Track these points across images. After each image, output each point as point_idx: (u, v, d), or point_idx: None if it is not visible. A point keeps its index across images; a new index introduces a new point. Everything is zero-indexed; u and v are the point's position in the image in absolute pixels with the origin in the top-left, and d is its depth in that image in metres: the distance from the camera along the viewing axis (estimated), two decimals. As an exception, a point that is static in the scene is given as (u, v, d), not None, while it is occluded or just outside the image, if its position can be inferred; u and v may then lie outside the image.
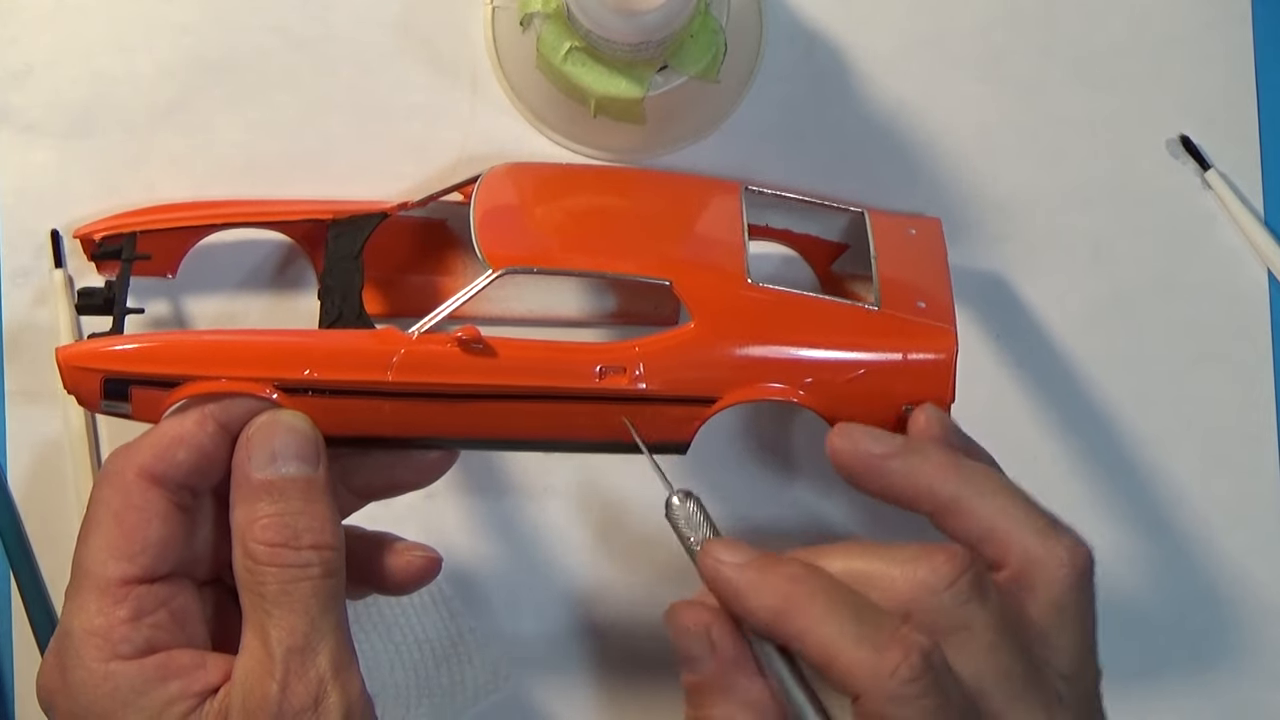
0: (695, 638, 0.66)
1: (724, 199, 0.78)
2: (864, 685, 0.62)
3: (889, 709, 0.62)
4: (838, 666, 0.62)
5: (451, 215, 0.82)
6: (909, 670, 0.62)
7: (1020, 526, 0.68)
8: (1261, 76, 0.85)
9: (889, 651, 0.62)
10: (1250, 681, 0.85)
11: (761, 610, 0.64)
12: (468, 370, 0.71)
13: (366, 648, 0.81)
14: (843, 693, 0.63)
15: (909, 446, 0.70)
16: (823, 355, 0.73)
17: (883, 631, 0.63)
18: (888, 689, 0.62)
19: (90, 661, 0.67)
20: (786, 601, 0.64)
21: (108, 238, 0.79)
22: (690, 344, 0.72)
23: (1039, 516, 0.68)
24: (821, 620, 0.63)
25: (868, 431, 0.70)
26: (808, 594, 0.64)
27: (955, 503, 0.68)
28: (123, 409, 0.72)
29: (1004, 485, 0.69)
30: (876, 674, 0.62)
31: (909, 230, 0.80)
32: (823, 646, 0.63)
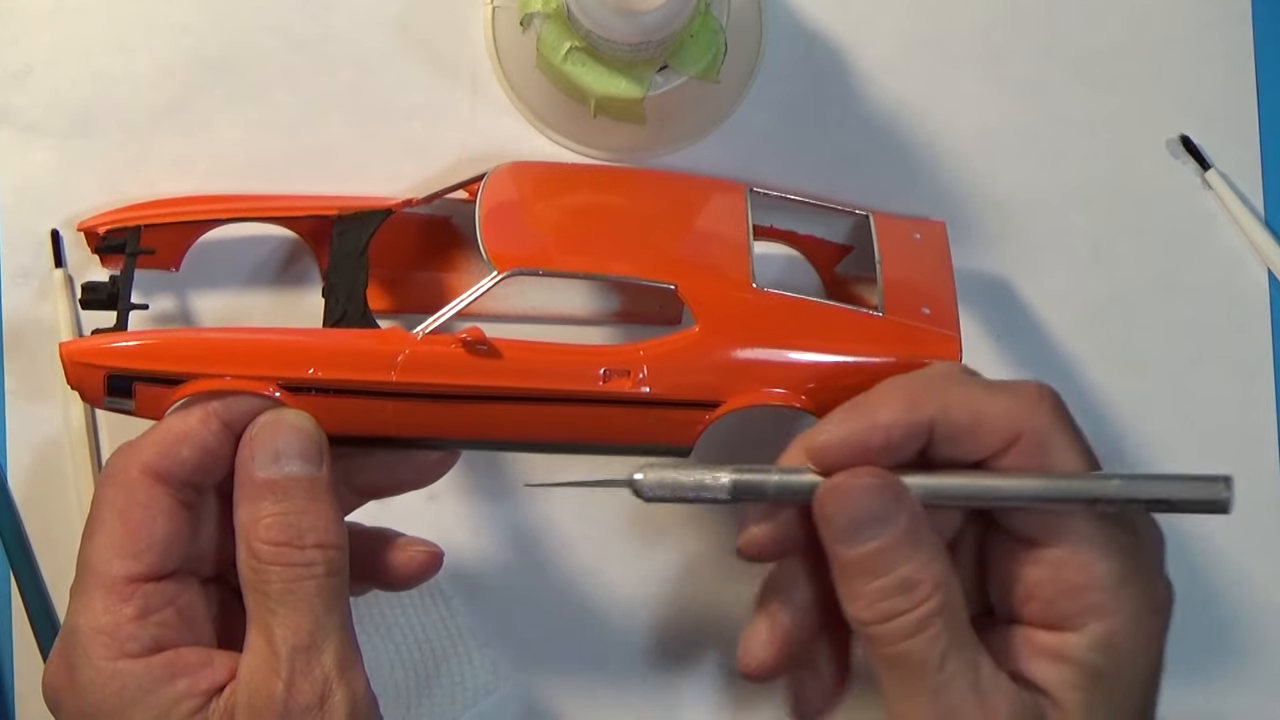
0: (884, 493, 0.66)
1: (729, 201, 0.78)
2: (1020, 421, 0.66)
3: (1049, 433, 0.66)
4: (989, 418, 0.66)
5: (456, 213, 0.82)
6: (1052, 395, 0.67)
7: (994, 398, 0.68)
8: (1261, 76, 0.85)
9: (1024, 389, 0.66)
10: (1250, 681, 0.85)
11: (897, 416, 0.66)
12: (472, 371, 0.71)
13: (368, 648, 0.80)
14: (999, 444, 0.66)
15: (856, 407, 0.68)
16: (827, 360, 0.73)
17: (1008, 385, 0.67)
18: (1041, 413, 0.66)
19: (97, 660, 0.67)
20: (913, 397, 0.66)
21: (112, 231, 0.79)
22: (694, 348, 0.72)
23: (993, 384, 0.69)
24: (953, 391, 0.66)
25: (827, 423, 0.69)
26: (928, 382, 0.67)
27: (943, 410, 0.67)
28: (126, 405, 0.72)
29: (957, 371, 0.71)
30: (1028, 407, 0.66)
31: (913, 234, 0.80)
32: (968, 407, 0.66)
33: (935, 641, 0.65)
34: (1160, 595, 0.67)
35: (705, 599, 0.84)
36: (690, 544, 0.84)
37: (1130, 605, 0.65)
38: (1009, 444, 0.66)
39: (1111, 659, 0.65)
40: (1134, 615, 0.65)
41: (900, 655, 0.66)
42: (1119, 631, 0.65)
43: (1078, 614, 0.65)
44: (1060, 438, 0.66)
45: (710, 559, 0.84)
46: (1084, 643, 0.65)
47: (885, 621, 0.66)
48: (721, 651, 0.84)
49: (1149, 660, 0.67)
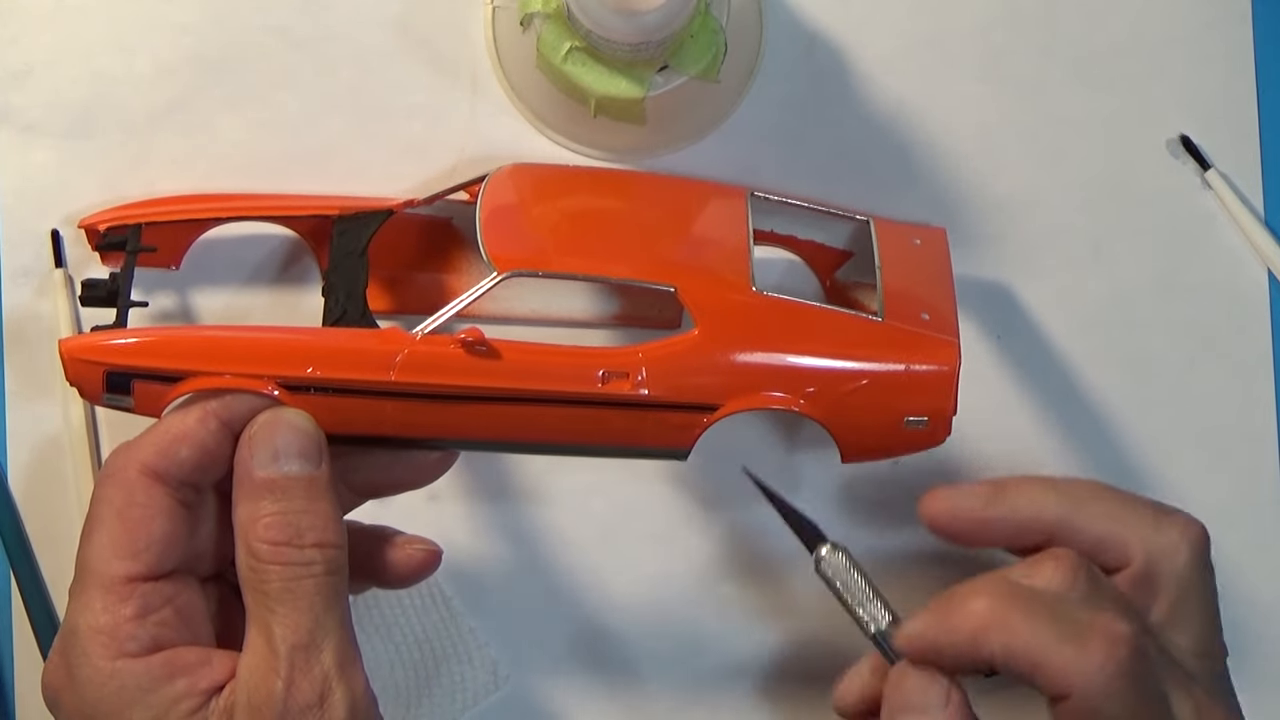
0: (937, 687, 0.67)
1: (729, 204, 0.78)
2: (1073, 684, 0.64)
3: (1099, 703, 0.64)
4: (1045, 669, 0.65)
5: (457, 214, 0.82)
6: (1116, 664, 0.64)
7: (1130, 525, 0.70)
8: (1261, 76, 0.85)
9: (1093, 645, 0.64)
10: (1249, 681, 0.85)
11: (961, 641, 0.66)
12: (471, 372, 0.71)
13: (367, 648, 0.81)
14: (1053, 694, 0.65)
15: (1001, 489, 0.72)
16: (825, 365, 0.73)
17: (1083, 625, 0.65)
18: (1098, 684, 0.64)
19: (96, 659, 0.67)
20: (984, 620, 0.66)
21: (113, 228, 0.79)
22: (693, 351, 0.72)
23: (1145, 508, 0.71)
24: (1021, 626, 0.65)
25: (957, 491, 0.72)
26: (1003, 606, 0.66)
27: (1063, 524, 0.71)
28: (125, 403, 0.72)
29: (1103, 490, 0.72)
30: (1085, 671, 0.64)
31: (914, 240, 0.80)
32: (1026, 652, 0.65)
33: None
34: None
35: (705, 600, 0.84)
36: (690, 544, 0.84)
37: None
38: (1060, 697, 0.65)
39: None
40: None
41: None
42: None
43: None
44: (1112, 709, 0.64)
45: (710, 559, 0.84)
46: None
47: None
48: (721, 651, 0.84)
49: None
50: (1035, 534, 0.71)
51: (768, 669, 0.84)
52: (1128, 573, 0.70)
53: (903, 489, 0.75)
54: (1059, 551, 0.69)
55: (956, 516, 0.72)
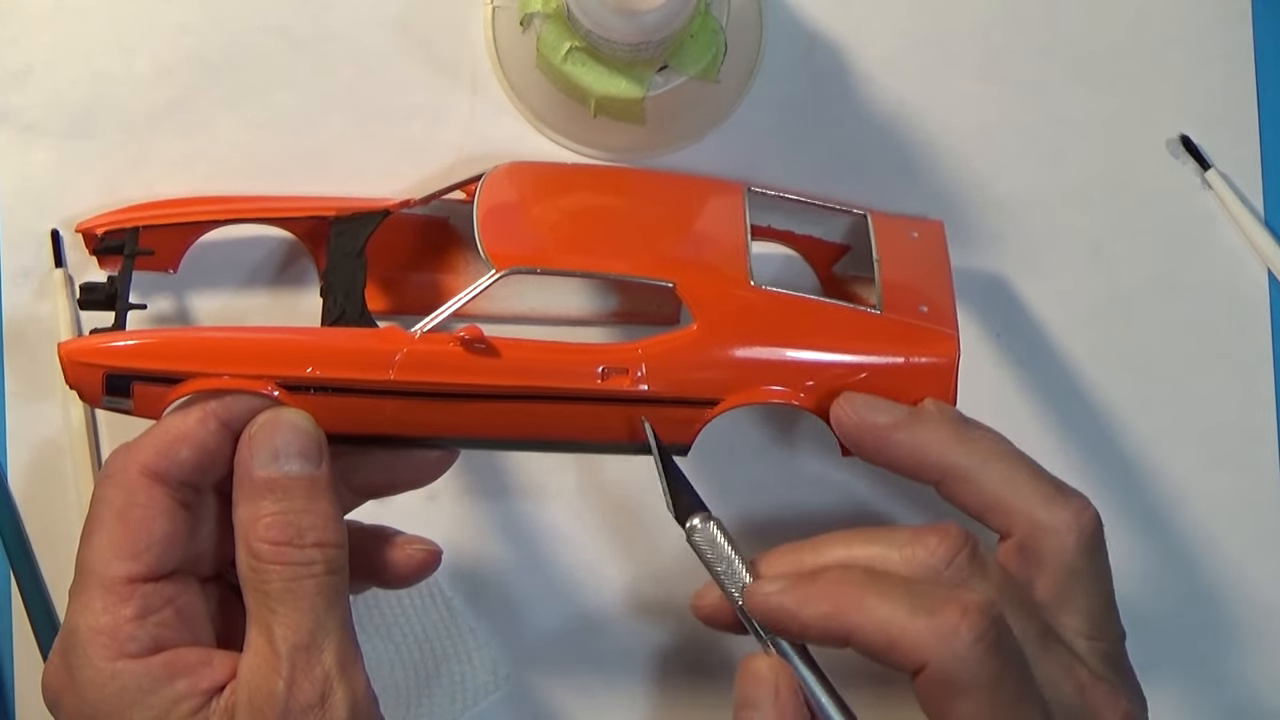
0: (765, 686, 0.67)
1: (727, 200, 0.78)
2: (928, 652, 0.63)
3: (955, 670, 0.63)
4: (900, 644, 0.64)
5: (454, 213, 0.82)
6: (970, 628, 0.63)
7: (1024, 495, 0.69)
8: (1261, 76, 0.85)
9: (946, 614, 0.64)
10: (1250, 681, 0.85)
11: (817, 618, 0.66)
12: (470, 370, 0.71)
13: (368, 648, 0.80)
14: (909, 667, 0.64)
15: (914, 417, 0.71)
16: (825, 358, 0.73)
17: (936, 599, 0.64)
18: (952, 649, 0.63)
19: (97, 660, 0.67)
20: (838, 601, 0.65)
21: (110, 232, 0.79)
22: (692, 346, 0.72)
23: (1044, 483, 0.70)
24: (875, 606, 0.65)
25: (872, 401, 0.71)
26: (856, 588, 0.66)
27: (959, 472, 0.70)
28: (124, 405, 0.72)
29: (1009, 453, 0.71)
30: (939, 637, 0.63)
31: (911, 233, 0.80)
32: (881, 630, 0.64)
33: None
34: None
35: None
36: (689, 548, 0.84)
37: None
38: (917, 670, 0.64)
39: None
40: None
41: None
42: None
43: None
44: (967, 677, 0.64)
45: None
46: None
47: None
48: (721, 651, 0.84)
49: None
50: (932, 473, 0.70)
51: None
52: (1010, 543, 0.69)
53: (902, 484, 0.74)
54: (946, 527, 0.68)
55: (863, 427, 0.71)
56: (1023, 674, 0.65)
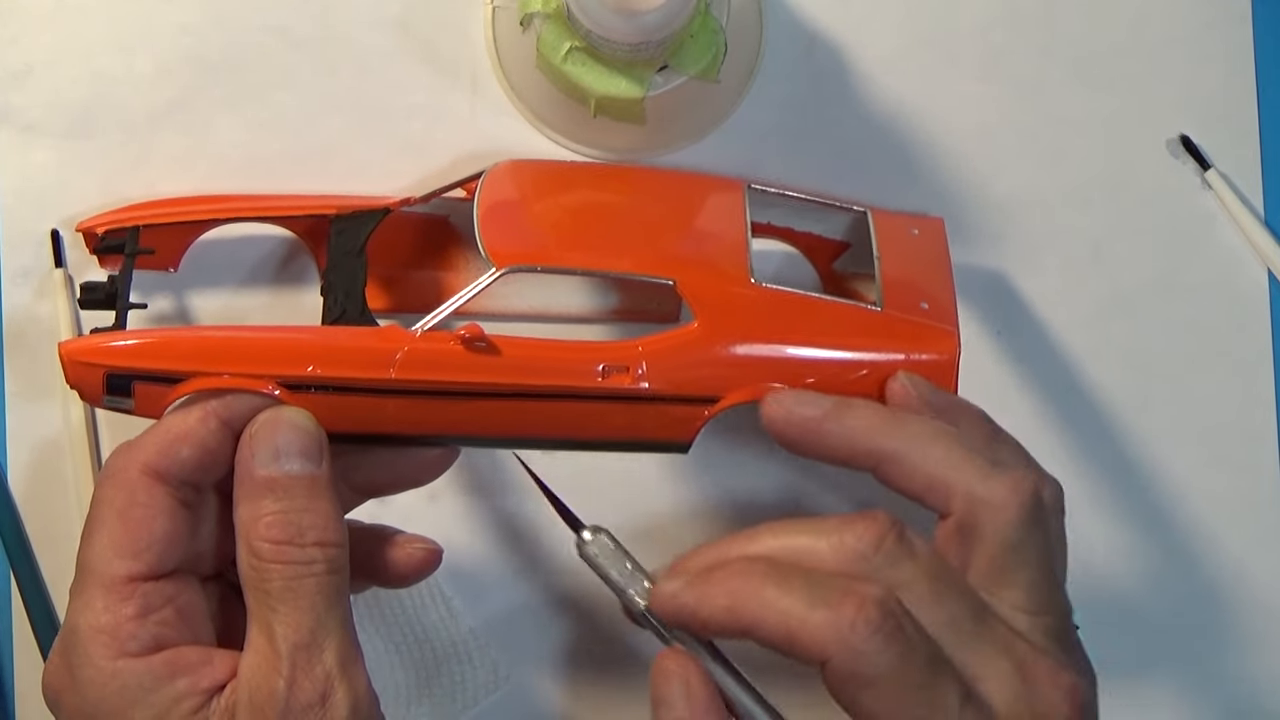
0: (675, 682, 0.67)
1: (727, 197, 0.78)
2: (829, 648, 0.63)
3: (857, 664, 0.62)
4: (800, 637, 0.63)
5: (454, 211, 0.82)
6: (866, 622, 0.62)
7: (959, 472, 0.68)
8: (1261, 76, 0.85)
9: (844, 608, 0.63)
10: (1250, 680, 0.85)
11: (717, 613, 0.65)
12: (471, 368, 0.71)
13: (368, 648, 0.80)
14: (811, 662, 0.63)
15: (842, 406, 0.70)
16: (825, 355, 0.73)
17: (834, 592, 0.63)
18: (851, 644, 0.62)
19: (98, 659, 0.67)
20: (736, 595, 0.65)
21: (110, 231, 0.79)
22: (693, 343, 0.72)
23: (980, 459, 0.69)
24: (774, 599, 0.64)
25: (799, 396, 0.71)
26: (755, 581, 0.65)
27: (894, 457, 0.69)
28: (125, 404, 0.72)
29: (942, 433, 0.69)
30: (838, 632, 0.62)
31: (911, 230, 0.80)
32: (781, 623, 0.63)
33: None
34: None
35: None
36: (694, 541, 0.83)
37: None
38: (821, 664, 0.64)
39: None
40: None
41: None
42: None
43: None
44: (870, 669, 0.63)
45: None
46: None
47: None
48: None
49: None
50: (865, 460, 0.70)
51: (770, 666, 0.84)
52: (949, 522, 0.68)
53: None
54: (875, 513, 0.67)
55: (792, 421, 0.70)
56: (929, 660, 0.64)
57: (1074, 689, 0.66)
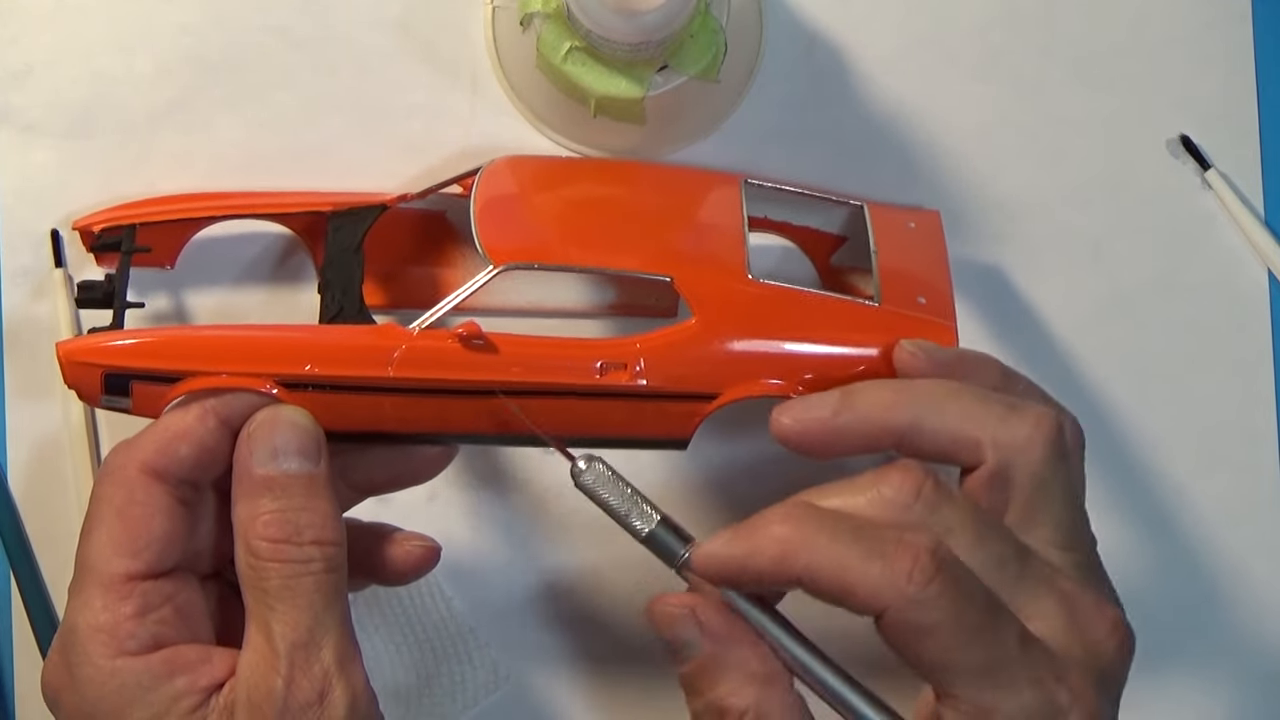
0: (682, 622, 0.66)
1: (724, 192, 0.78)
2: (885, 599, 0.62)
3: (915, 615, 0.62)
4: (856, 590, 0.63)
5: (451, 207, 0.82)
6: (921, 572, 0.62)
7: (981, 422, 0.68)
8: (1261, 76, 0.85)
9: (898, 559, 0.62)
10: (1250, 681, 0.85)
11: (768, 564, 0.64)
12: (469, 366, 0.71)
13: (367, 648, 0.80)
14: (867, 614, 0.63)
15: (848, 395, 0.69)
16: (823, 351, 0.73)
17: (886, 543, 0.63)
18: (908, 595, 0.62)
19: (97, 658, 0.67)
20: (788, 544, 0.64)
21: (107, 229, 0.79)
22: (691, 340, 0.72)
23: (995, 404, 0.69)
24: (826, 549, 0.63)
25: (804, 401, 0.70)
26: (809, 529, 0.64)
27: (914, 426, 0.68)
28: (123, 404, 0.72)
29: (954, 390, 0.69)
30: (894, 584, 0.62)
31: (908, 223, 0.80)
32: (836, 574, 0.63)
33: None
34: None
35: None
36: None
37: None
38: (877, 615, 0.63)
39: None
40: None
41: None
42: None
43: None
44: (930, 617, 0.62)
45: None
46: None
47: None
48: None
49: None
50: (887, 439, 0.69)
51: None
52: (982, 472, 0.68)
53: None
54: (906, 463, 0.67)
55: (806, 427, 0.69)
56: (986, 603, 0.64)
57: (1118, 621, 0.67)
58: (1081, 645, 0.65)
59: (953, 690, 0.63)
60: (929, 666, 0.63)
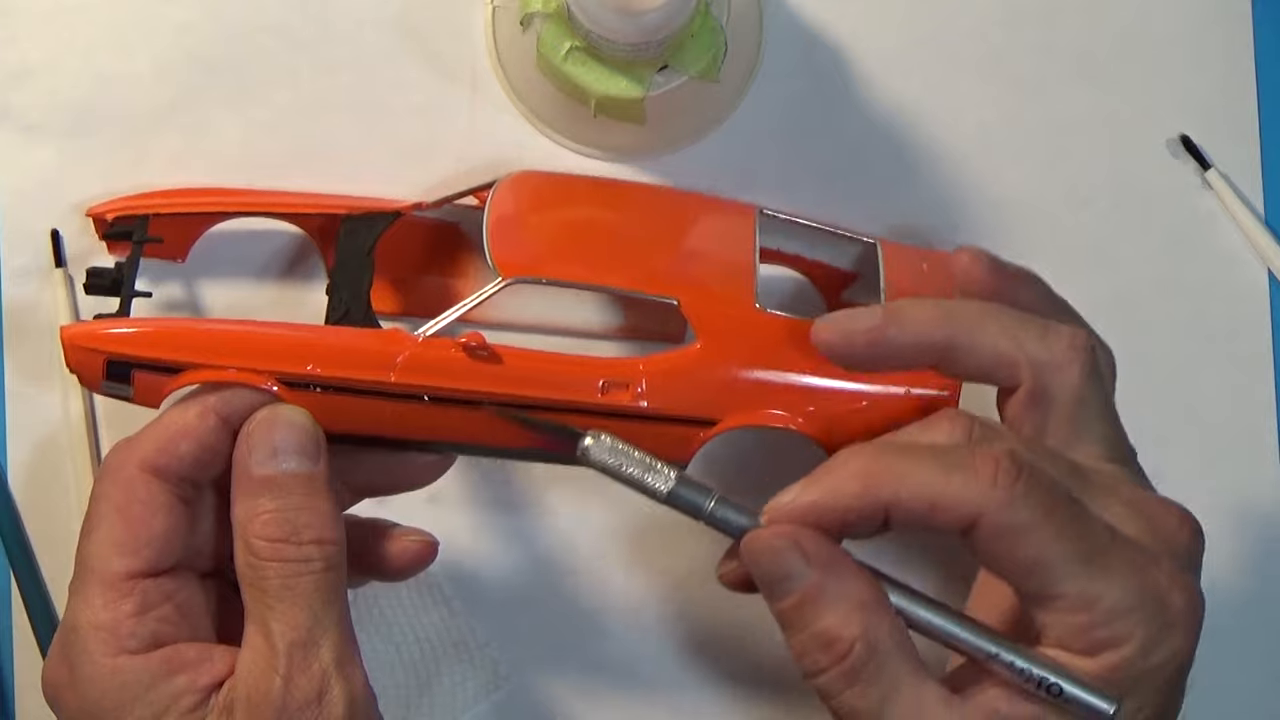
0: (788, 553, 0.66)
1: (737, 221, 0.78)
2: (976, 506, 0.63)
3: (1008, 515, 0.63)
4: (944, 503, 0.64)
5: (465, 219, 0.82)
6: (1006, 473, 0.63)
7: (1020, 340, 0.69)
8: (1261, 76, 0.85)
9: (982, 468, 0.64)
10: (1250, 681, 0.85)
11: (850, 500, 0.65)
12: (471, 376, 0.71)
13: (367, 648, 0.80)
14: (960, 528, 0.64)
15: (894, 310, 0.70)
16: (826, 385, 0.72)
17: (964, 456, 0.64)
18: (998, 498, 0.63)
19: (97, 656, 0.67)
20: (868, 476, 0.65)
21: (120, 218, 0.79)
22: (694, 365, 0.72)
23: (1033, 323, 0.70)
24: (909, 472, 0.64)
25: (848, 313, 0.70)
26: (887, 459, 0.65)
27: (955, 343, 0.69)
28: (124, 391, 0.72)
29: (994, 309, 0.70)
30: (981, 490, 0.63)
31: (921, 264, 0.79)
32: (921, 493, 0.64)
33: (865, 695, 0.65)
34: (1177, 609, 0.65)
35: (705, 601, 0.84)
36: (691, 546, 0.83)
37: (1141, 630, 0.64)
38: (969, 526, 0.64)
39: (1125, 682, 0.64)
40: (1145, 641, 0.64)
41: (839, 708, 0.66)
42: (1130, 658, 0.64)
43: (1087, 649, 0.64)
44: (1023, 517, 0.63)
45: (710, 561, 0.84)
46: (1096, 669, 0.64)
47: (815, 676, 0.66)
48: (722, 653, 0.84)
49: (1166, 675, 0.65)
50: (928, 354, 0.69)
51: (770, 668, 0.84)
52: (1021, 393, 0.69)
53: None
54: (952, 411, 0.69)
55: (851, 339, 0.69)
56: (1070, 499, 0.65)
57: (1184, 514, 0.68)
58: (1159, 540, 0.66)
59: (1054, 588, 0.64)
60: (1028, 567, 0.64)
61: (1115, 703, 0.64)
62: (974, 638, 0.66)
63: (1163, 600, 0.64)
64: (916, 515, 0.64)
